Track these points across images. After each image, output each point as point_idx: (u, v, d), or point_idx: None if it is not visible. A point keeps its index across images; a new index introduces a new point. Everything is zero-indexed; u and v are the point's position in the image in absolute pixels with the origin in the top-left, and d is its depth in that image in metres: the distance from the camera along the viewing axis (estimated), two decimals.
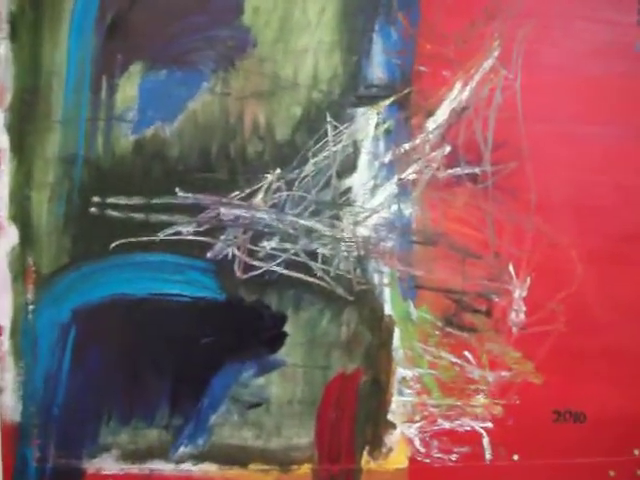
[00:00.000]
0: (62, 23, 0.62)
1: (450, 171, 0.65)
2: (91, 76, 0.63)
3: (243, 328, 0.65)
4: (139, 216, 0.63)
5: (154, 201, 0.63)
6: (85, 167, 0.63)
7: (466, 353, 0.66)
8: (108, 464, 0.63)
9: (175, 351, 0.64)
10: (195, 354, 0.64)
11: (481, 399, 0.66)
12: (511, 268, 0.66)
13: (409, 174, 0.65)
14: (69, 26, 0.62)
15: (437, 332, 0.66)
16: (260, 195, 0.64)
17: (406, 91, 0.64)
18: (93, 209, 0.63)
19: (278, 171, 0.64)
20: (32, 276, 0.63)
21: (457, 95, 0.65)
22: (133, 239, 0.63)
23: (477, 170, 0.65)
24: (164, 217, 0.63)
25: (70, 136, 0.63)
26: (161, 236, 0.63)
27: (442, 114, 0.65)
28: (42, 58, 0.62)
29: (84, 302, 0.63)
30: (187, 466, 0.64)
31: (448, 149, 0.65)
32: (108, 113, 0.63)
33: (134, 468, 0.63)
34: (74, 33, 0.63)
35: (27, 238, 0.63)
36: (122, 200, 0.63)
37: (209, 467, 0.64)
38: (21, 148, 0.62)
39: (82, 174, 0.63)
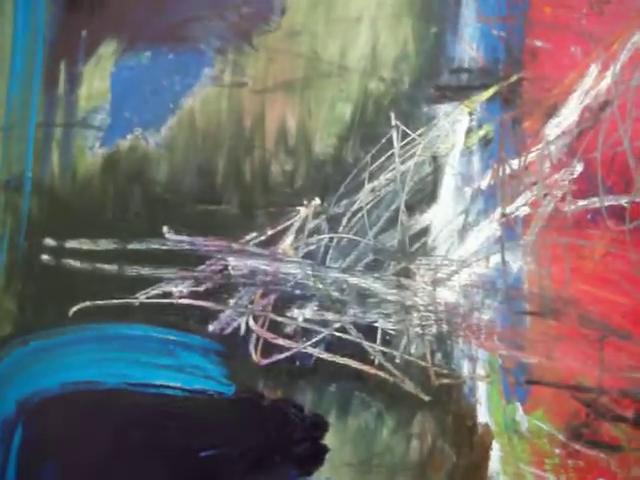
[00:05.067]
0: None
1: (582, 202, 0.57)
2: (44, 63, 0.58)
3: (262, 438, 0.57)
4: (110, 268, 0.57)
5: (132, 246, 0.57)
6: (35, 196, 0.58)
7: None
8: None
9: (163, 468, 0.56)
10: (192, 474, 0.57)
11: None
12: None
13: (518, 207, 0.57)
14: None
15: (558, 450, 0.57)
16: (289, 239, 0.57)
17: (514, 78, 0.57)
18: (46, 257, 0.58)
19: (316, 202, 0.57)
20: None
21: (592, 84, 0.56)
22: (101, 302, 0.57)
23: (624, 201, 0.56)
24: (146, 270, 0.57)
25: (14, 150, 0.58)
26: (142, 298, 0.57)
27: (570, 114, 0.57)
28: None
29: (34, 391, 0.57)
30: None
31: (579, 169, 0.56)
32: (68, 116, 0.58)
33: None
34: (21, 1, 0.58)
35: None
36: (86, 244, 0.57)
37: None
38: None
39: (31, 206, 0.58)
